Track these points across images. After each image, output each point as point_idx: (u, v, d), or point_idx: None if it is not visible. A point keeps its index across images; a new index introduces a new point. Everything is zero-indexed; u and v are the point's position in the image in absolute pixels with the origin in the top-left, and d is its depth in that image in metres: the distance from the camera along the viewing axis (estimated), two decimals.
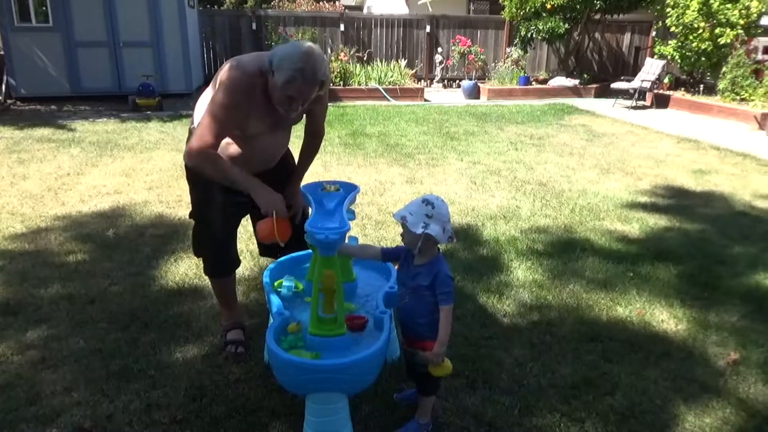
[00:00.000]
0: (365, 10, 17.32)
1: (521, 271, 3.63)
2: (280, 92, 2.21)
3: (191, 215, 2.66)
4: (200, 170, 2.34)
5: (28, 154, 6.36)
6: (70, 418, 2.25)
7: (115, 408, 2.32)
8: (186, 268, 3.56)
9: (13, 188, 5.16)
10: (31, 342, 2.77)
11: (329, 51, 12.20)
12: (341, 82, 11.28)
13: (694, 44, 10.25)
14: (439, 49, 13.33)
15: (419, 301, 2.06)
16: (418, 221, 1.97)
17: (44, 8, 9.55)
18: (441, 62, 13.32)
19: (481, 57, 13.17)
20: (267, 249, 2.83)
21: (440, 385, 2.24)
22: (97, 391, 2.42)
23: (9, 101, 9.63)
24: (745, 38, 9.91)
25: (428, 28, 13.17)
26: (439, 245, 2.07)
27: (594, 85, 12.39)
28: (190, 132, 2.54)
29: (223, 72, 2.29)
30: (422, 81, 13.09)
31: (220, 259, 2.68)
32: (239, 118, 2.28)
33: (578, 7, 11.38)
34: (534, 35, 11.84)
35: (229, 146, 2.39)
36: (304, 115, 2.58)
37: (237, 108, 2.25)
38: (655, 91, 10.97)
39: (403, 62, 12.45)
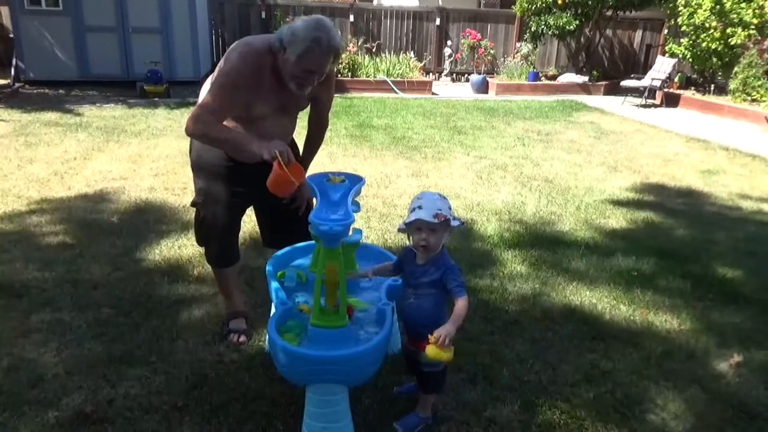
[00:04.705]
0: (375, 2, 17.20)
1: (525, 267, 3.62)
2: (295, 67, 2.17)
3: (193, 203, 2.65)
4: (199, 138, 2.31)
5: (35, 137, 6.38)
6: (72, 402, 2.27)
7: (116, 393, 2.33)
8: (189, 256, 3.57)
9: (20, 171, 5.18)
10: (35, 325, 2.78)
11: None
12: (349, 74, 11.22)
13: (705, 44, 10.15)
14: (449, 42, 13.25)
15: (425, 301, 2.04)
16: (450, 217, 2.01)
17: None
18: (450, 55, 13.23)
19: (491, 51, 13.08)
20: (271, 239, 2.82)
21: (442, 386, 2.23)
22: (99, 375, 2.43)
23: (18, 84, 9.64)
24: (758, 38, 9.80)
25: (438, 21, 13.09)
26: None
27: (604, 83, 12.30)
28: None
29: (232, 49, 2.26)
30: (431, 74, 13.02)
31: (223, 248, 2.67)
32: (244, 94, 2.24)
33: (590, 3, 11.28)
34: (544, 30, 11.76)
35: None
36: (309, 105, 2.56)
37: (242, 82, 2.21)
38: (666, 89, 10.89)
39: (412, 55, 12.38)
